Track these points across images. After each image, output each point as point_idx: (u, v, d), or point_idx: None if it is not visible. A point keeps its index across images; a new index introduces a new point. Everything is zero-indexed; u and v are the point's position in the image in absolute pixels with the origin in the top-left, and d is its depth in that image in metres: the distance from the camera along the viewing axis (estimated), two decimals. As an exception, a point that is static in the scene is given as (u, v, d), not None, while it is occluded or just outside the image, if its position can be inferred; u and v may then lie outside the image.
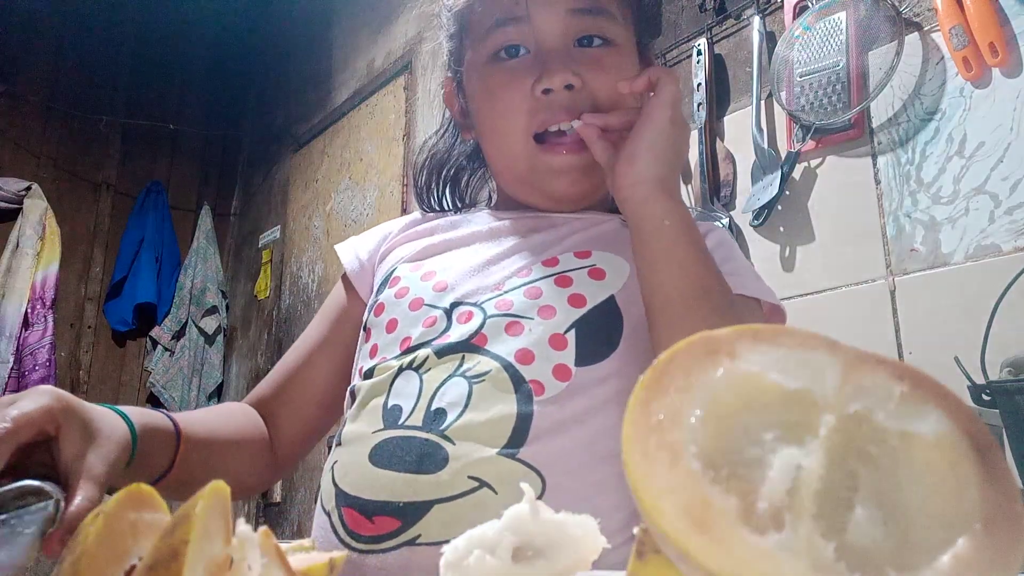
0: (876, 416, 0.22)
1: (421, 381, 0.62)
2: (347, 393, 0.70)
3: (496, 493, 0.55)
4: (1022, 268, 1.03)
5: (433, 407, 0.59)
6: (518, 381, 0.59)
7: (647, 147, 0.61)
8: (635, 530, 0.25)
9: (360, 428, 0.63)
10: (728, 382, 0.22)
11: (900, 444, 0.21)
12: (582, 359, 0.61)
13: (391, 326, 0.68)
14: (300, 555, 0.31)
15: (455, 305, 0.65)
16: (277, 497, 2.71)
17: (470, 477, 0.56)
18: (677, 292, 0.57)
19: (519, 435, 0.57)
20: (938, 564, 0.19)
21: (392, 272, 0.73)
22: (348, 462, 0.61)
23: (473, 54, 0.71)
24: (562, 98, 0.65)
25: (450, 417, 0.58)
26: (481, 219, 0.77)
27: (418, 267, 0.72)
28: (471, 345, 0.62)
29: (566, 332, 0.62)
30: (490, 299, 0.65)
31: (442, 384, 0.60)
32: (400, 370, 0.63)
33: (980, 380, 1.02)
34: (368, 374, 0.67)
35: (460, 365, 0.61)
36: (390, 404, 0.62)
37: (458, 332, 0.63)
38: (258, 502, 2.82)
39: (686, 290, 0.57)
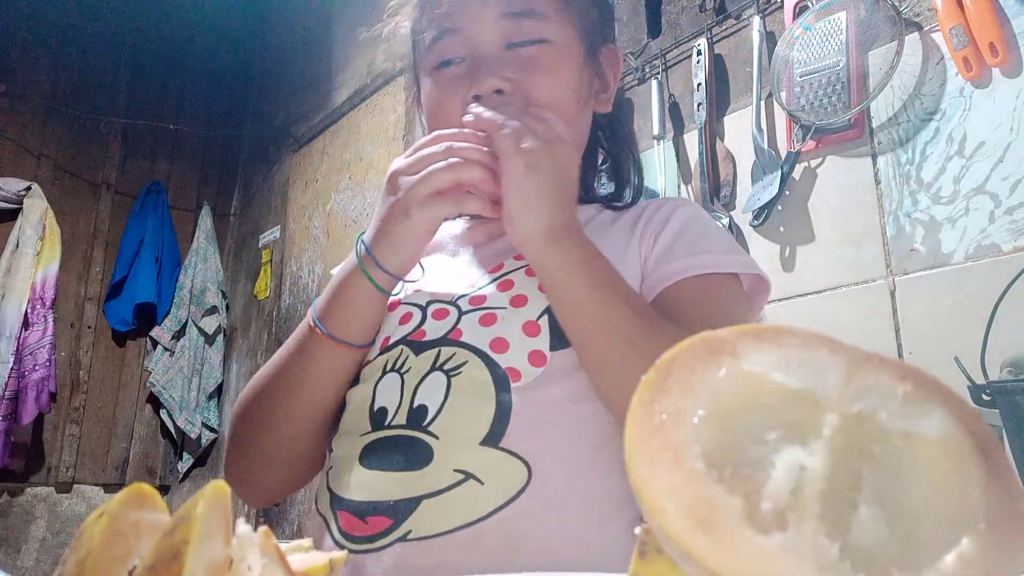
0: (879, 416, 0.22)
1: (402, 380, 0.62)
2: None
3: (482, 483, 0.56)
4: (1022, 268, 1.03)
5: (415, 404, 0.60)
6: (494, 369, 0.60)
7: (518, 206, 0.58)
8: (637, 530, 0.25)
9: (350, 432, 0.64)
10: (731, 382, 0.22)
11: (903, 444, 0.21)
12: (556, 343, 0.61)
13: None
14: (300, 555, 0.31)
15: (431, 303, 0.66)
16: (277, 497, 2.71)
17: (456, 470, 0.56)
18: (593, 345, 0.57)
19: (500, 424, 0.57)
20: (942, 564, 0.19)
21: None
22: (340, 466, 0.62)
23: (421, 68, 0.73)
24: (494, 103, 0.64)
25: (431, 412, 0.59)
26: (453, 225, 0.79)
27: None
28: (447, 339, 0.62)
29: (539, 318, 0.62)
30: (464, 296, 0.65)
31: (422, 380, 0.61)
32: (384, 373, 0.64)
33: (980, 380, 1.02)
34: (355, 380, 0.67)
35: (436, 359, 0.62)
36: (376, 407, 0.63)
37: (434, 328, 0.64)
38: (258, 502, 2.82)
39: (601, 341, 0.56)
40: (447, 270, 0.70)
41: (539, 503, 0.55)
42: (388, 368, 0.64)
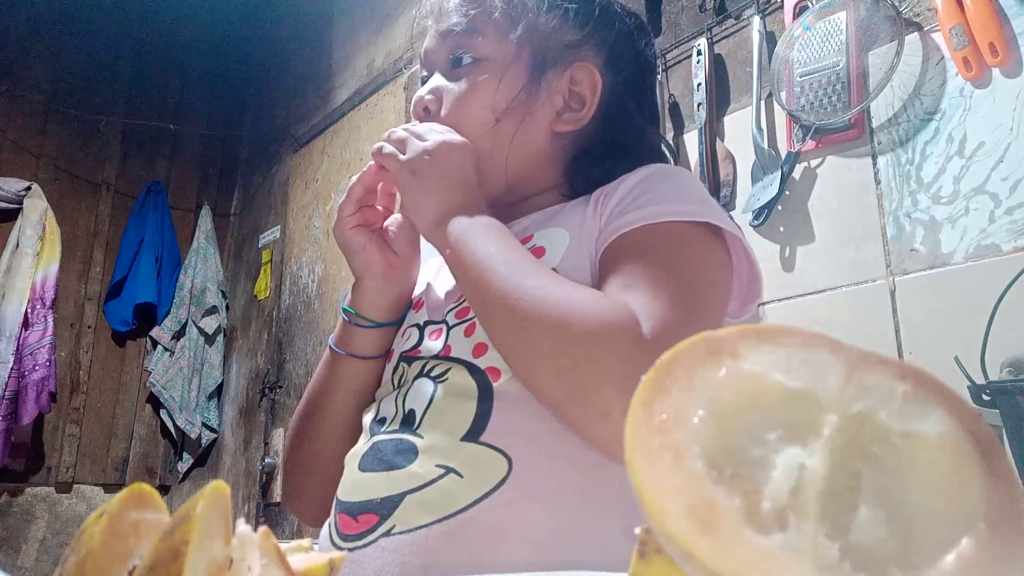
0: (879, 416, 0.22)
1: (398, 391, 0.66)
2: None
3: (462, 477, 0.57)
4: (1022, 268, 1.03)
5: (406, 410, 0.63)
6: (475, 371, 0.62)
7: (410, 205, 0.67)
8: (637, 530, 0.25)
9: (357, 444, 0.68)
10: (731, 382, 0.22)
11: (903, 444, 0.21)
12: None
13: (390, 356, 0.73)
14: (300, 555, 0.31)
15: (427, 323, 0.69)
16: (277, 497, 2.71)
17: (437, 465, 0.58)
18: (481, 317, 0.61)
19: (481, 420, 0.59)
20: (942, 564, 0.19)
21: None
22: (345, 475, 0.66)
23: None
24: (419, 118, 0.71)
25: (418, 415, 0.62)
26: None
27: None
28: (438, 356, 0.65)
29: None
30: (451, 309, 0.67)
31: (412, 388, 0.64)
32: (390, 390, 0.68)
33: (980, 380, 1.02)
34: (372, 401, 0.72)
35: (424, 368, 0.65)
36: (378, 418, 0.66)
37: (427, 347, 0.67)
38: (258, 502, 2.82)
39: (482, 312, 0.60)
40: (440, 280, 0.73)
41: (520, 495, 0.56)
42: (392, 385, 0.68)
